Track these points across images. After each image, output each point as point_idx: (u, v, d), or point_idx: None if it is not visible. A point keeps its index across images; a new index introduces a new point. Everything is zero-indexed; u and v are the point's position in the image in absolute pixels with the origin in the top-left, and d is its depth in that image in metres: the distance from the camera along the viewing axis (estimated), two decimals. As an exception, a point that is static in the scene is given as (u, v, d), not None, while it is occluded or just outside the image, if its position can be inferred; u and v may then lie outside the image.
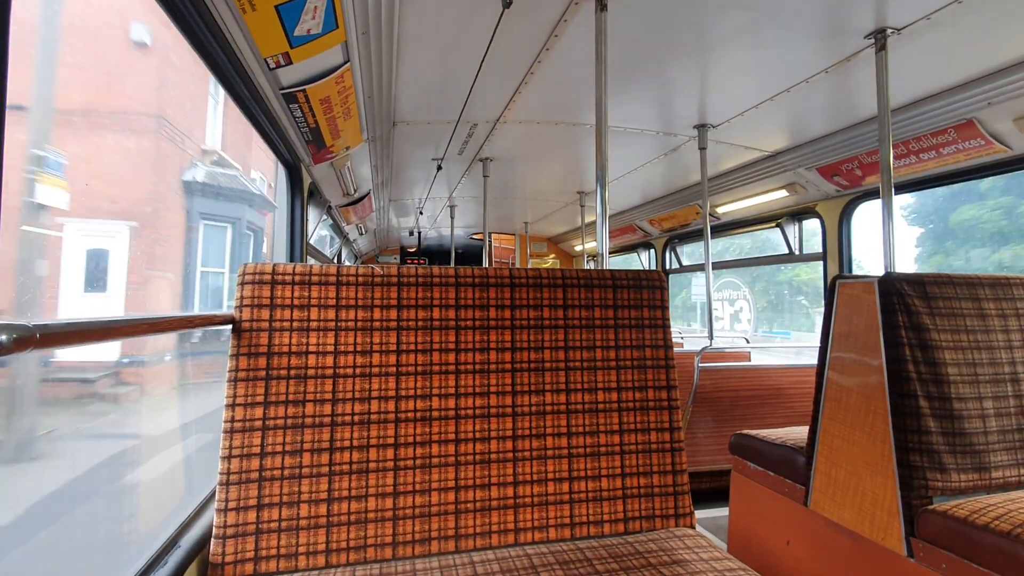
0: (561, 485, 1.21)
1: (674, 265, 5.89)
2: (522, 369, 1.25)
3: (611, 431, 1.27)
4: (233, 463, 1.06)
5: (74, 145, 4.13)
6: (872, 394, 1.56)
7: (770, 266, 3.96)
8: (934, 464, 1.42)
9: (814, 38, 2.04)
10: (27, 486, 2.44)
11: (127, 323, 0.79)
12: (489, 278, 1.28)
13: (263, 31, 1.43)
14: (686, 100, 2.71)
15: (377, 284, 1.21)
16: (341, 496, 1.10)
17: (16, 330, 0.51)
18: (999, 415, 1.50)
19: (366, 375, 1.16)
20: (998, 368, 1.54)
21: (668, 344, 1.36)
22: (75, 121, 4.18)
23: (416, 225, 7.00)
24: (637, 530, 1.23)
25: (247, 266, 1.16)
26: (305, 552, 1.06)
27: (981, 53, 2.05)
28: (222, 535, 1.03)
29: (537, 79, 2.45)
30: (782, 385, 3.13)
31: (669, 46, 2.14)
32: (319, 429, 1.11)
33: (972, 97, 2.30)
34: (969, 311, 1.56)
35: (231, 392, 1.09)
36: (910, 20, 1.87)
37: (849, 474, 1.63)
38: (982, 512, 1.30)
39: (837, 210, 3.48)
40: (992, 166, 2.59)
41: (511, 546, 1.15)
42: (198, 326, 1.06)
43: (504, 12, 1.84)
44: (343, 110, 2.16)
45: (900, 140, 2.72)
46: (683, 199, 4.77)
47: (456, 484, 1.16)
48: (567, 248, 8.24)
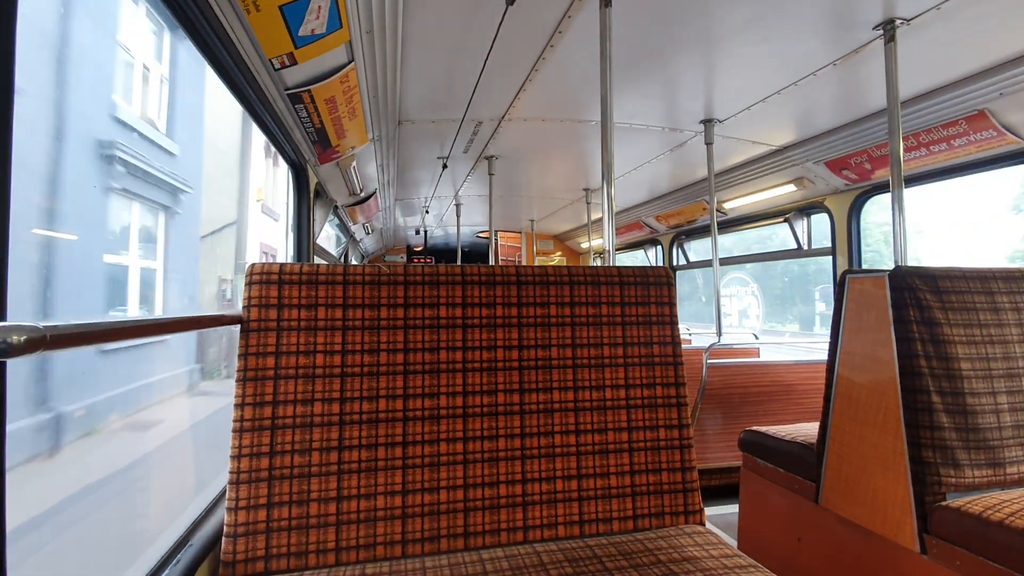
0: (570, 483, 1.21)
1: (681, 262, 5.86)
2: (529, 367, 1.25)
3: (619, 428, 1.26)
4: (243, 462, 1.07)
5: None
6: (883, 390, 1.54)
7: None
8: (947, 460, 1.40)
9: (822, 30, 2.01)
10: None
11: (135, 324, 0.80)
12: (496, 276, 1.27)
13: (267, 32, 1.43)
14: (692, 95, 2.69)
15: (384, 283, 1.21)
16: (350, 494, 1.10)
17: (27, 332, 0.51)
18: (1013, 410, 1.48)
19: (374, 374, 1.16)
20: (1012, 362, 1.52)
21: (676, 340, 1.35)
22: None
23: (422, 224, 7.01)
24: (647, 527, 1.23)
25: (255, 265, 1.16)
26: (315, 550, 1.07)
27: (992, 43, 2.02)
28: (233, 533, 1.04)
29: (542, 76, 2.45)
30: (792, 381, 3.11)
31: (674, 41, 2.12)
32: (328, 428, 1.12)
33: (984, 88, 2.27)
34: (982, 305, 1.54)
35: (240, 392, 1.09)
36: (920, 10, 1.85)
37: (860, 470, 1.62)
38: (997, 508, 1.28)
39: (846, 204, 3.45)
40: (1004, 157, 2.55)
41: (520, 544, 1.15)
42: (206, 326, 1.07)
43: (508, 9, 1.83)
44: (348, 110, 2.17)
45: (910, 132, 2.69)
46: (690, 195, 4.74)
47: (465, 482, 1.16)
48: (573, 245, 8.22)
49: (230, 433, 1.09)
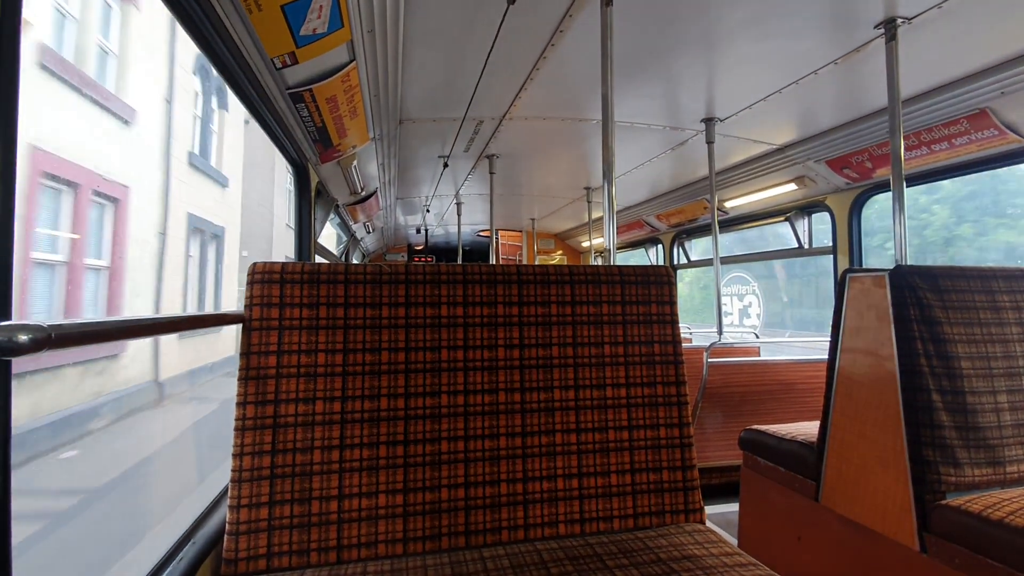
0: (570, 481, 1.21)
1: (682, 260, 5.86)
2: (531, 366, 1.25)
3: (620, 427, 1.27)
4: (245, 460, 1.07)
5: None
6: (883, 388, 1.55)
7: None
8: (947, 459, 1.40)
9: (823, 29, 2.01)
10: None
11: (139, 323, 0.80)
12: (497, 275, 1.28)
13: (269, 31, 1.44)
14: (693, 94, 2.69)
15: (385, 282, 1.21)
16: (352, 493, 1.11)
17: (32, 331, 0.52)
18: (1014, 409, 1.48)
19: (375, 372, 1.17)
20: (1012, 361, 1.52)
21: (677, 339, 1.36)
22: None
23: (423, 223, 7.02)
24: (647, 525, 1.23)
25: (256, 265, 1.17)
26: (317, 548, 1.07)
27: (994, 42, 2.02)
28: (235, 531, 1.05)
29: (543, 75, 2.45)
30: (792, 380, 3.11)
31: (675, 40, 2.12)
32: (329, 426, 1.12)
33: (985, 87, 2.27)
34: (982, 304, 1.54)
35: (242, 390, 1.10)
36: (921, 9, 1.84)
37: (860, 469, 1.62)
38: (997, 507, 1.28)
39: (847, 203, 3.44)
40: (1005, 156, 2.55)
41: (521, 542, 1.16)
42: (210, 325, 1.08)
43: (509, 8, 1.83)
44: (349, 109, 2.17)
45: (911, 131, 2.68)
46: (691, 194, 4.74)
47: (466, 480, 1.16)
48: (574, 244, 8.22)
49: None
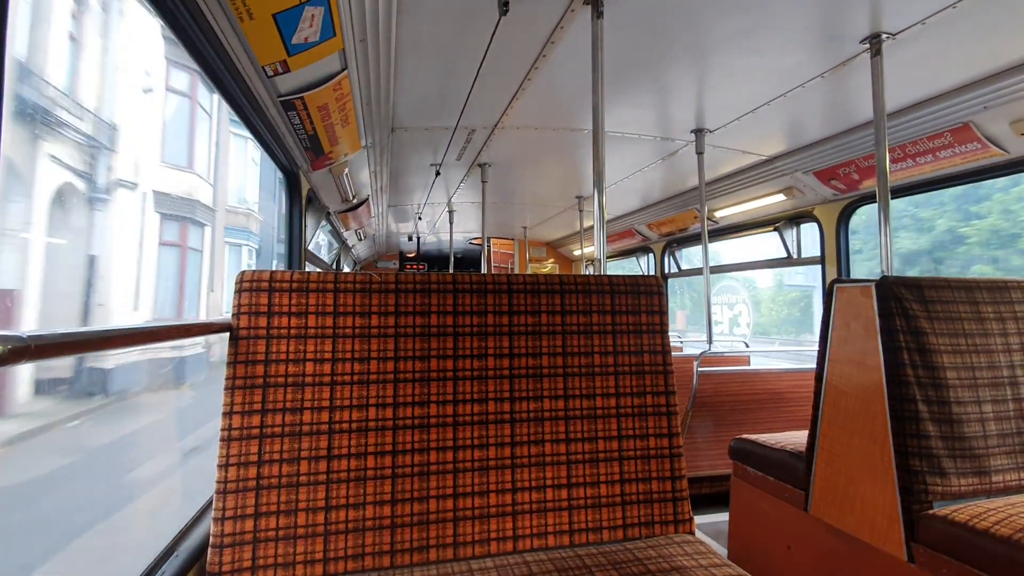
0: (560, 492, 1.21)
1: (673, 269, 5.89)
2: (520, 375, 1.25)
3: (610, 437, 1.27)
4: (230, 471, 1.06)
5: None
6: (871, 398, 1.56)
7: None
8: (934, 469, 1.41)
9: (810, 43, 2.05)
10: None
11: (122, 333, 0.79)
12: (487, 284, 1.27)
13: (261, 39, 1.44)
14: (683, 105, 2.72)
15: (375, 291, 1.21)
16: (339, 504, 1.09)
17: (11, 341, 0.50)
18: (998, 419, 1.50)
19: (364, 382, 1.16)
20: (997, 372, 1.54)
21: (666, 349, 1.36)
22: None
23: (415, 230, 7.00)
24: (636, 536, 1.23)
25: (244, 273, 1.16)
26: (303, 561, 1.06)
27: (976, 57, 2.06)
28: (219, 544, 1.03)
29: (534, 85, 2.46)
30: (781, 389, 3.13)
31: (665, 52, 2.15)
32: (317, 437, 1.11)
33: (968, 101, 2.31)
34: (967, 315, 1.56)
35: (228, 400, 1.08)
36: (905, 25, 1.88)
37: (849, 479, 1.63)
38: (982, 517, 1.29)
39: (835, 214, 3.49)
40: (988, 169, 2.60)
41: (509, 553, 1.15)
42: (196, 335, 1.06)
43: (501, 19, 1.84)
44: (341, 117, 2.17)
45: (896, 144, 2.73)
46: (681, 203, 4.78)
47: (454, 491, 1.15)
48: (566, 252, 8.24)
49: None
